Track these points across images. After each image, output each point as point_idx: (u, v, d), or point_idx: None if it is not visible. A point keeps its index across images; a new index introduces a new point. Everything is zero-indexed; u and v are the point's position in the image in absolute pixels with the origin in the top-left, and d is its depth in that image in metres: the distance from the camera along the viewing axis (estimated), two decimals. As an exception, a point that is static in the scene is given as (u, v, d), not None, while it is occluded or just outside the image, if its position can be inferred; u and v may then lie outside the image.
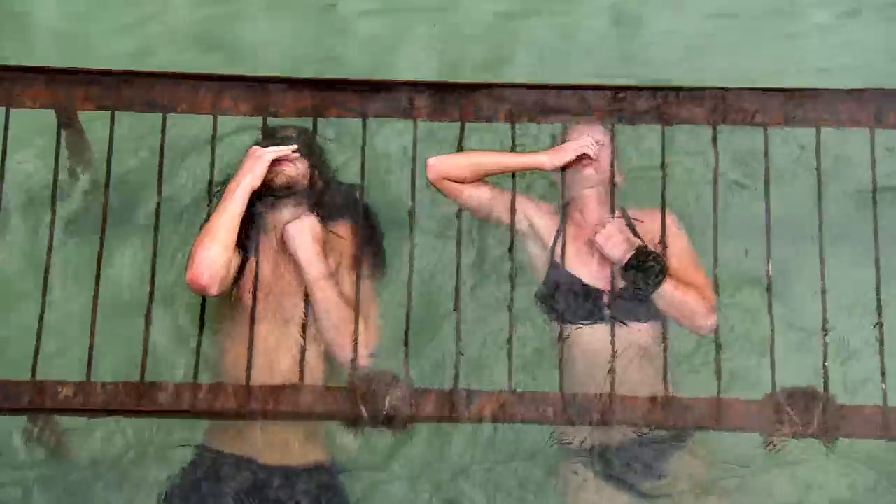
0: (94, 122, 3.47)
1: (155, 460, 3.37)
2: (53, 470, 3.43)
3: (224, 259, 3.14)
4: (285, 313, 3.26)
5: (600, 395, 3.10)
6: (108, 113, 3.33)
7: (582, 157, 3.38)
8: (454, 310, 3.19)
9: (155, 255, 3.23)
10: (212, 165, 3.32)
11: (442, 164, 3.38)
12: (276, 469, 3.20)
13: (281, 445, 3.22)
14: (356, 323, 3.17)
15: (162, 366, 3.34)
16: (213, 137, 3.34)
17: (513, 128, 3.38)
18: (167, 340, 3.42)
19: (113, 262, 3.60)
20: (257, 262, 3.26)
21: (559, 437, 3.32)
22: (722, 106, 3.33)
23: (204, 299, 3.19)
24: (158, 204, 3.29)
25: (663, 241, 3.29)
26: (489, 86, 3.41)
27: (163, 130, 3.32)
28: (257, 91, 3.37)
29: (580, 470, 3.27)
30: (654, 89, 3.36)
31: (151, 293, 3.19)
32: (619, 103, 3.35)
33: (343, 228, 3.37)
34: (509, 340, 3.15)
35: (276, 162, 3.26)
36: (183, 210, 3.65)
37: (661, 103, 3.34)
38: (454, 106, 3.36)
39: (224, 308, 3.30)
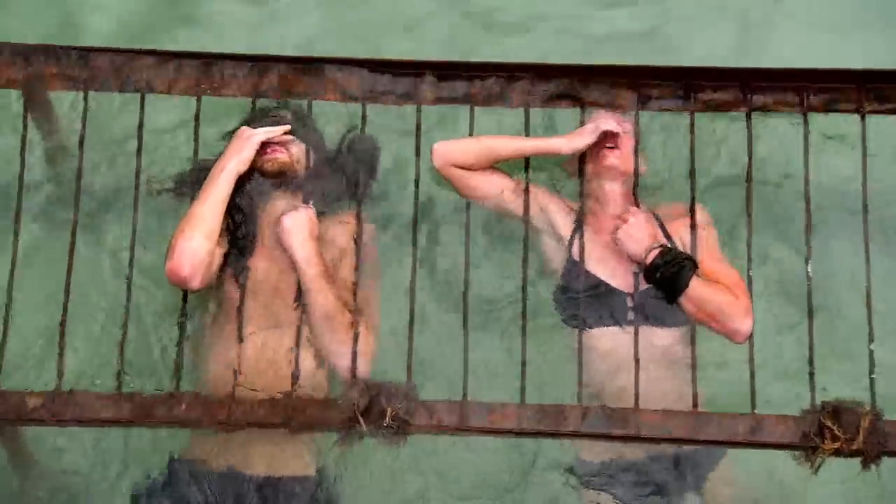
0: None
1: (132, 474, 3.26)
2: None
3: (207, 249, 2.98)
4: (277, 315, 3.11)
5: (624, 408, 2.93)
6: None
7: (602, 142, 3.21)
8: (464, 320, 3.03)
9: (133, 250, 3.07)
10: (195, 151, 3.17)
11: (449, 150, 3.22)
12: (263, 480, 3.07)
13: (268, 456, 3.08)
14: (356, 328, 3.01)
15: (141, 372, 3.26)
16: (197, 119, 3.16)
17: (526, 112, 3.21)
18: (144, 344, 3.33)
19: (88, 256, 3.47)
20: (246, 257, 3.11)
21: (576, 453, 3.20)
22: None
23: (185, 296, 3.04)
24: (136, 193, 3.13)
25: (693, 239, 3.12)
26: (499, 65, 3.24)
27: (141, 109, 3.16)
28: (244, 70, 3.19)
29: (598, 488, 3.16)
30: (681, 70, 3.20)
31: (129, 293, 3.05)
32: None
33: (344, 218, 3.20)
34: (522, 346, 3.00)
35: (267, 146, 3.13)
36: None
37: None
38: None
39: (209, 307, 3.16)
